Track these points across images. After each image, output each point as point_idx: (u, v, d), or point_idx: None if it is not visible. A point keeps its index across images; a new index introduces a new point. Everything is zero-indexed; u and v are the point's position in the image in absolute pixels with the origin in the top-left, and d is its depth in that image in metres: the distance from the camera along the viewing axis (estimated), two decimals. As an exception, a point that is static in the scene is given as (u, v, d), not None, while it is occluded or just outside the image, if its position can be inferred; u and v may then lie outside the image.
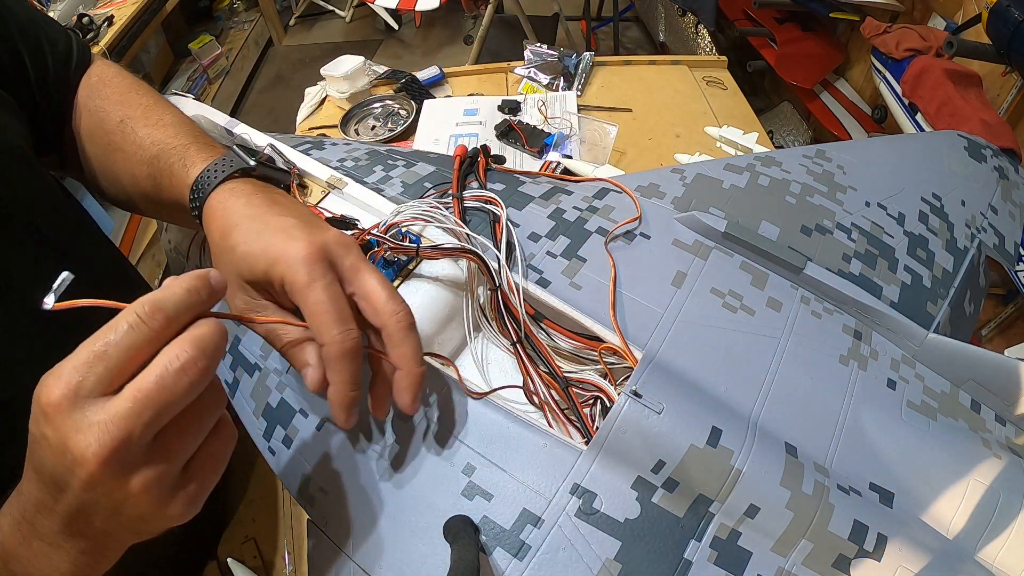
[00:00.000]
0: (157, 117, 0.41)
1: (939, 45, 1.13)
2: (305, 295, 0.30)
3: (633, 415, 0.33)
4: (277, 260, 0.30)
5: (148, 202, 0.41)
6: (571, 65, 1.03)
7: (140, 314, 0.23)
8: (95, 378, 0.23)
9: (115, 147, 0.41)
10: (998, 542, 0.33)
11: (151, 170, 0.39)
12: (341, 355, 0.30)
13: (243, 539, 0.53)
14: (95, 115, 0.42)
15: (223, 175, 0.36)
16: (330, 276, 0.30)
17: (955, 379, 0.41)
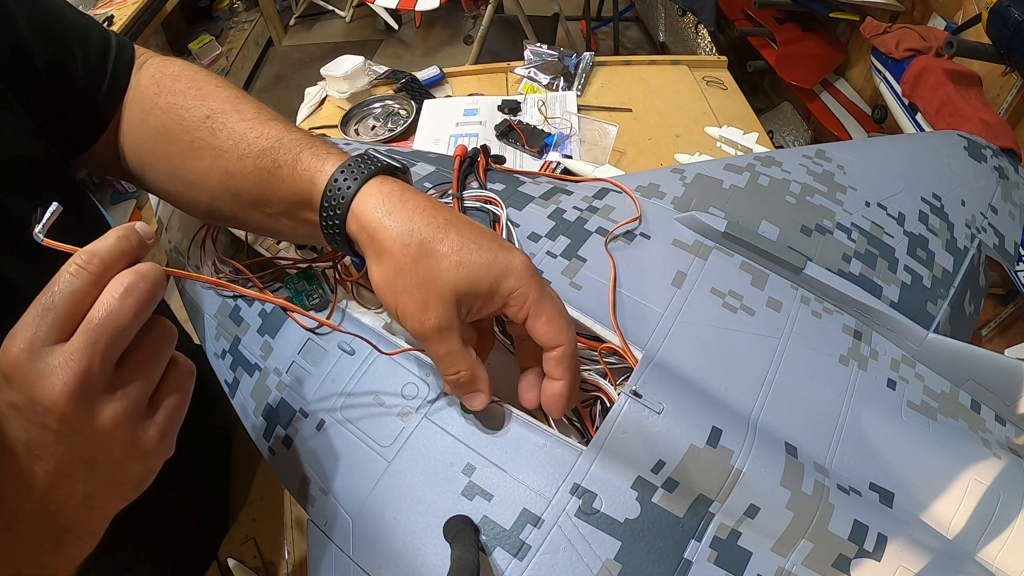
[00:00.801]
0: (253, 112, 0.38)
1: (939, 45, 1.13)
2: (543, 305, 0.31)
3: (633, 415, 0.33)
4: (505, 274, 0.31)
5: (244, 201, 0.38)
6: (571, 65, 1.03)
7: (78, 263, 0.24)
8: (47, 327, 0.24)
9: (201, 144, 0.37)
10: (998, 542, 0.33)
11: (257, 165, 0.35)
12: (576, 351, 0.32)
13: (243, 539, 0.53)
14: (169, 114, 0.39)
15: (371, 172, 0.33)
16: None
17: (955, 379, 0.41)
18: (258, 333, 0.44)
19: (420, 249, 0.31)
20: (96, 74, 0.40)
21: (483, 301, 0.31)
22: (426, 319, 0.30)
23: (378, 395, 0.37)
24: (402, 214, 0.31)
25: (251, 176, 0.36)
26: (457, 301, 0.31)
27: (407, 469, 0.35)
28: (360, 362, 0.39)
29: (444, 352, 0.31)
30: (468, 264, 0.30)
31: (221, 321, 0.46)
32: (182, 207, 0.44)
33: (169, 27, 2.33)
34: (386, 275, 0.32)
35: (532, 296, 0.31)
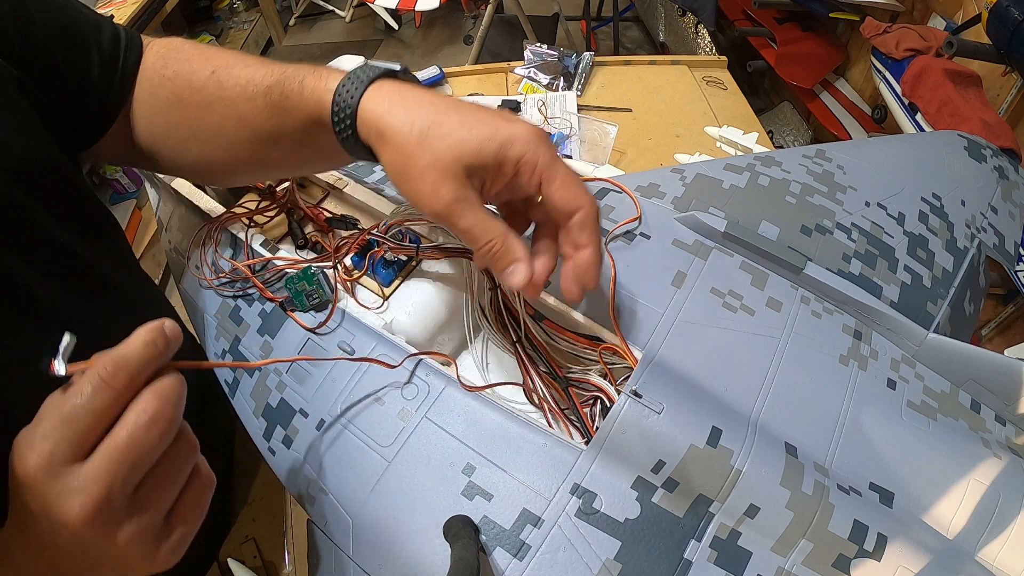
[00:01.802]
0: (255, 60, 0.38)
1: (939, 45, 1.13)
2: (554, 168, 0.30)
3: (633, 415, 0.33)
4: (512, 140, 0.30)
5: (261, 141, 0.38)
6: (571, 65, 1.03)
7: (103, 376, 0.24)
8: (66, 444, 0.23)
9: (211, 99, 0.38)
10: (998, 542, 0.33)
11: (267, 100, 0.36)
12: (598, 215, 0.31)
13: (243, 539, 0.53)
14: (177, 80, 0.39)
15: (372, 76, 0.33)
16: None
17: (955, 379, 0.41)
18: (258, 333, 0.44)
19: (422, 134, 0.30)
20: (109, 67, 0.40)
21: (493, 173, 0.31)
22: (440, 196, 0.30)
23: (378, 395, 0.38)
24: (402, 107, 0.32)
25: (263, 114, 0.37)
26: (467, 174, 0.30)
27: (407, 469, 0.35)
28: (360, 362, 0.39)
29: (469, 224, 0.31)
30: (471, 138, 0.30)
31: (221, 321, 0.46)
32: (199, 174, 0.44)
33: (169, 27, 2.33)
34: (397, 167, 0.31)
35: (542, 160, 0.30)
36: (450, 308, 0.43)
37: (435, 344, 0.42)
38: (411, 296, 0.42)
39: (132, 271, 0.48)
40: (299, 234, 0.46)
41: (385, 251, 0.41)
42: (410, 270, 0.43)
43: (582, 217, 0.31)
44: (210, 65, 0.39)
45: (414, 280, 0.43)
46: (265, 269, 0.45)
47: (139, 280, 0.49)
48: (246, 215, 0.48)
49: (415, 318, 0.41)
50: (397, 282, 0.43)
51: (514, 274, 0.31)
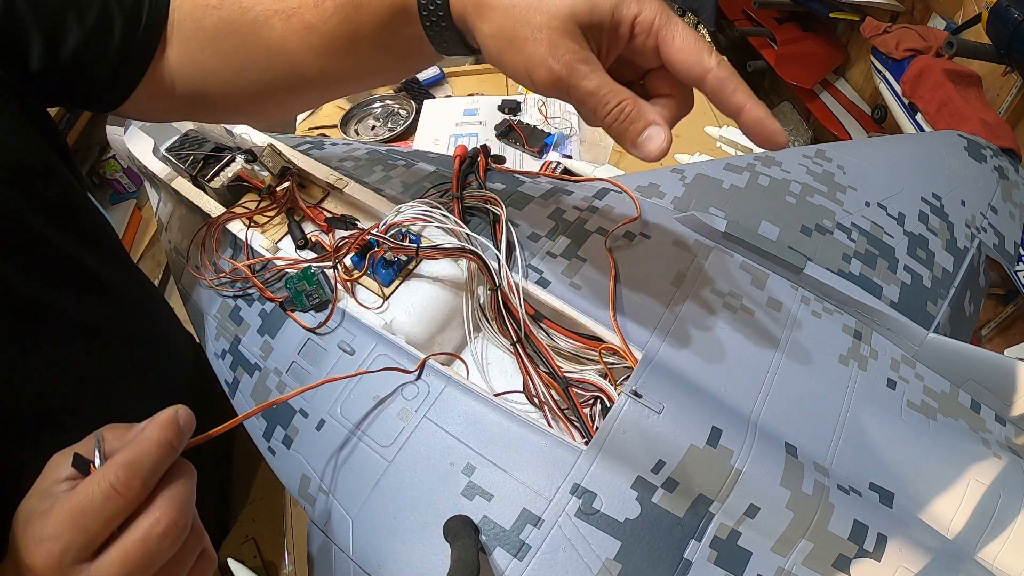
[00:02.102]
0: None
1: (939, 45, 1.13)
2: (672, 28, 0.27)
3: (633, 415, 0.33)
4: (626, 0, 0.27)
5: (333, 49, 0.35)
6: (571, 65, 1.03)
7: (116, 485, 0.24)
8: (76, 548, 0.23)
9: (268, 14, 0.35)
10: (998, 542, 0.33)
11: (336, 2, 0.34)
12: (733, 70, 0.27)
13: (243, 539, 0.53)
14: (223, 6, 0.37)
15: None
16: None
17: (955, 379, 0.41)
18: (258, 333, 0.44)
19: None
20: (133, 17, 0.38)
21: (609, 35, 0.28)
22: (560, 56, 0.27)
23: (378, 395, 0.38)
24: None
25: (334, 17, 0.34)
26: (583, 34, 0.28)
27: (407, 469, 0.35)
28: (360, 362, 0.39)
29: (595, 85, 0.28)
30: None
31: (221, 321, 0.46)
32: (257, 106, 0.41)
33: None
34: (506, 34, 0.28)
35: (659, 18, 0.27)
36: (450, 308, 0.43)
37: (435, 344, 0.42)
38: (411, 296, 0.42)
39: (130, 272, 0.48)
40: (299, 234, 0.46)
41: (385, 251, 0.41)
42: (410, 270, 0.43)
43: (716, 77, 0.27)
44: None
45: (414, 280, 0.43)
46: (265, 269, 0.45)
47: (137, 281, 0.49)
48: (246, 215, 0.48)
49: (415, 318, 0.41)
50: (397, 282, 0.43)
51: (652, 139, 0.28)
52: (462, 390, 0.37)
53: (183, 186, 0.52)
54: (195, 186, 0.53)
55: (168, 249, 0.56)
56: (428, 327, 0.42)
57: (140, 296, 0.48)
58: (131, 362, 0.43)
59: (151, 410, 0.47)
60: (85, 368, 0.39)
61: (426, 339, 0.41)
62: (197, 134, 0.57)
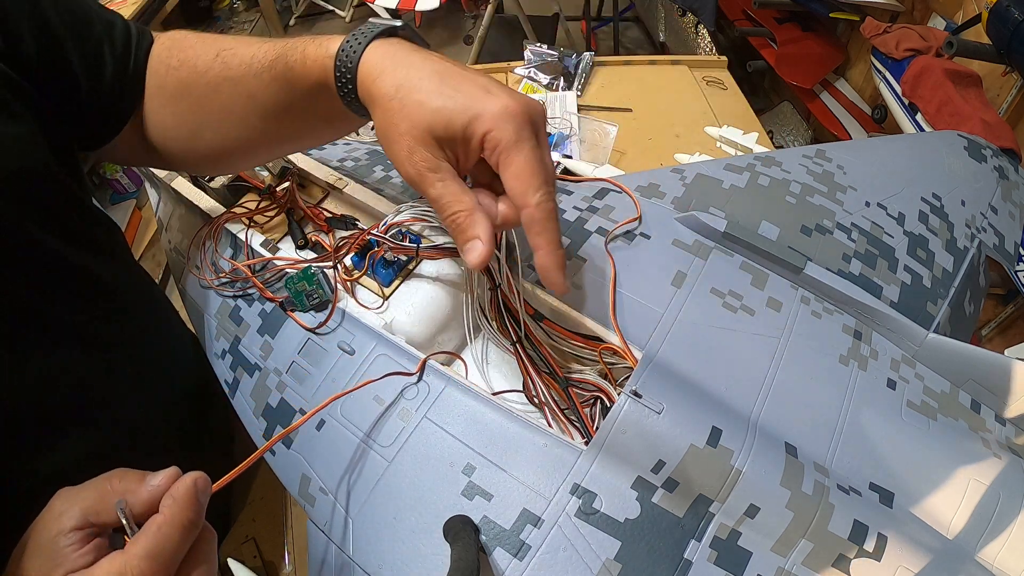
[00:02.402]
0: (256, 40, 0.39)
1: (939, 45, 1.13)
2: (512, 154, 0.29)
3: (633, 415, 0.33)
4: (480, 116, 0.29)
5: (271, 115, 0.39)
6: (571, 65, 1.03)
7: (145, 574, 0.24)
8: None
9: (218, 80, 0.38)
10: (998, 542, 0.33)
11: (273, 74, 0.37)
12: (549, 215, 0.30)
13: (243, 539, 0.53)
14: (183, 68, 0.40)
15: (372, 35, 0.33)
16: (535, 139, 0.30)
17: (955, 379, 0.41)
18: (258, 333, 0.44)
19: (403, 99, 0.31)
20: (121, 64, 0.40)
21: (461, 145, 0.31)
22: (414, 162, 0.31)
23: (378, 395, 0.38)
24: (391, 70, 0.32)
25: (271, 87, 0.37)
26: (438, 144, 0.30)
27: (407, 469, 0.35)
28: (360, 362, 0.39)
29: (437, 193, 0.31)
30: (443, 108, 0.30)
31: (221, 321, 0.46)
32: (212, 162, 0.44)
33: (169, 27, 2.33)
34: (381, 129, 0.32)
35: (504, 141, 0.29)
36: (450, 308, 0.43)
37: (435, 344, 0.42)
38: (411, 296, 0.42)
39: (132, 274, 0.48)
40: (299, 234, 0.46)
41: (385, 251, 0.41)
42: (410, 270, 0.43)
43: (529, 216, 0.30)
44: (213, 49, 0.39)
45: (414, 280, 0.43)
46: (265, 269, 0.45)
47: (140, 282, 0.49)
48: (246, 215, 0.48)
49: (415, 318, 0.41)
50: (397, 282, 0.43)
51: (471, 251, 0.31)
52: (462, 390, 0.37)
53: (183, 186, 0.52)
54: (195, 186, 0.53)
55: (168, 249, 0.56)
56: (428, 327, 0.42)
57: (143, 298, 0.48)
58: (133, 364, 0.43)
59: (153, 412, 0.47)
60: (86, 371, 0.39)
61: (426, 339, 0.41)
62: (197, 134, 0.57)
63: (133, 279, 0.47)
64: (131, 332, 0.44)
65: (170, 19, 2.22)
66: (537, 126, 0.31)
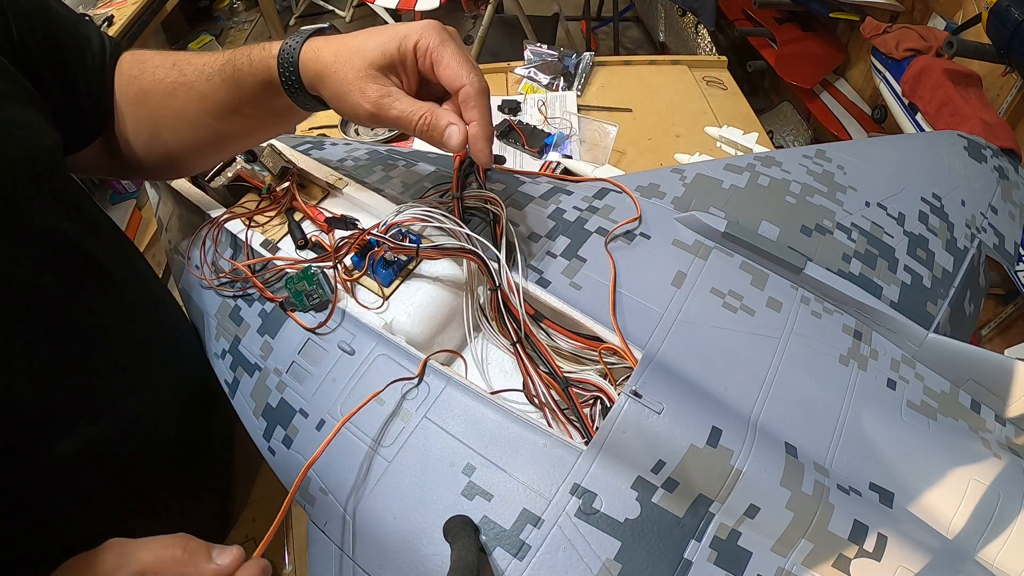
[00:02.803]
0: (210, 52, 0.43)
1: (939, 45, 1.13)
2: (442, 51, 0.35)
3: (633, 415, 0.33)
4: (408, 34, 0.35)
5: (222, 114, 0.42)
6: (571, 65, 1.03)
7: None
8: None
9: (174, 87, 0.42)
10: (998, 542, 0.33)
11: (223, 76, 0.41)
12: (482, 91, 0.35)
13: (243, 539, 0.53)
14: (143, 77, 0.43)
15: (306, 35, 0.38)
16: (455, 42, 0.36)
17: (955, 379, 0.41)
18: (258, 333, 0.44)
19: (342, 58, 0.36)
20: (98, 75, 0.42)
21: (401, 66, 0.36)
22: (368, 96, 0.35)
23: (378, 395, 0.37)
24: (328, 48, 0.37)
25: (221, 88, 0.41)
26: (383, 72, 0.36)
27: (407, 469, 0.35)
28: (360, 362, 0.39)
29: (399, 110, 0.36)
30: (375, 44, 0.36)
31: (221, 321, 0.46)
32: (172, 163, 0.47)
33: (169, 27, 2.33)
34: (336, 93, 0.37)
35: (432, 43, 0.35)
36: (450, 308, 0.43)
37: (435, 344, 0.42)
38: (411, 296, 0.42)
39: (135, 266, 0.48)
40: (299, 234, 0.46)
41: (385, 251, 0.41)
42: (410, 270, 0.43)
43: (465, 92, 0.35)
44: (171, 59, 0.43)
45: (414, 280, 0.43)
46: (265, 269, 0.45)
47: (142, 275, 0.49)
48: (246, 215, 0.48)
49: (415, 318, 0.41)
50: (397, 282, 0.43)
51: (452, 135, 0.36)
52: (462, 390, 0.37)
53: (183, 186, 0.52)
54: (195, 186, 0.53)
55: (168, 249, 0.56)
56: (428, 327, 0.42)
57: (145, 290, 0.48)
58: (137, 359, 0.43)
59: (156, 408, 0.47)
60: (91, 361, 0.39)
61: (426, 339, 0.41)
62: (197, 134, 0.57)
63: (136, 272, 0.48)
64: (136, 324, 0.44)
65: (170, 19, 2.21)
66: (453, 35, 0.37)
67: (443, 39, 0.35)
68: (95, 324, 0.39)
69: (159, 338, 0.48)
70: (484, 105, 0.36)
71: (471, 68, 0.35)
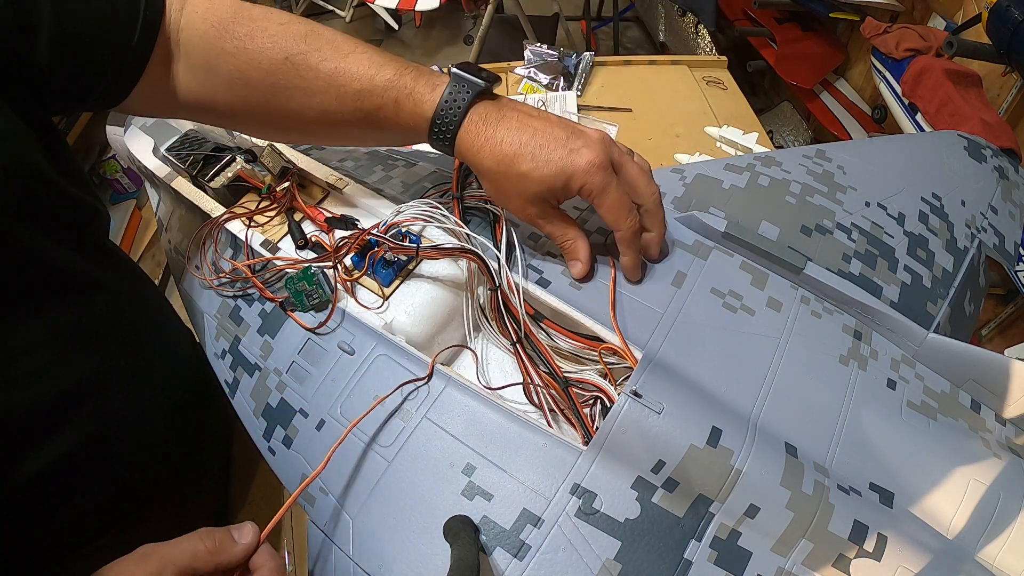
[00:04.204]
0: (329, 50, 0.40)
1: (939, 45, 1.13)
2: (604, 197, 0.38)
3: (633, 415, 0.33)
4: (573, 176, 0.37)
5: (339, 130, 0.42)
6: (571, 65, 1.03)
7: None
8: None
9: (287, 85, 0.40)
10: (998, 542, 0.33)
11: (359, 106, 0.40)
12: (635, 234, 0.40)
13: (243, 539, 0.53)
14: (240, 57, 0.40)
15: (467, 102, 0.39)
16: (616, 178, 0.39)
17: (955, 379, 0.41)
18: (258, 333, 0.44)
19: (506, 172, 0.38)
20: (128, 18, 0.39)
21: (561, 194, 0.39)
22: (527, 213, 0.40)
23: (378, 395, 0.37)
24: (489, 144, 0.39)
25: (352, 115, 0.40)
26: (544, 202, 0.40)
27: (407, 469, 0.35)
28: (360, 362, 0.39)
29: (551, 229, 0.41)
30: (543, 177, 0.38)
31: (221, 321, 0.46)
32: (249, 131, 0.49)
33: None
34: (492, 189, 0.41)
35: (596, 190, 0.38)
36: (450, 308, 0.43)
37: (435, 344, 0.42)
38: (411, 296, 0.42)
39: (126, 270, 0.47)
40: (299, 234, 0.46)
41: (385, 251, 0.41)
42: (410, 270, 0.43)
43: (619, 236, 0.40)
44: (279, 49, 0.40)
45: (414, 280, 0.43)
46: (265, 269, 0.45)
47: (134, 279, 0.49)
48: (246, 215, 0.48)
49: (415, 318, 0.41)
50: (397, 282, 0.43)
51: (574, 266, 0.42)
52: (462, 390, 0.37)
53: (183, 186, 0.52)
54: (195, 186, 0.53)
55: (168, 249, 0.56)
56: (428, 327, 0.42)
57: (137, 292, 0.48)
58: (129, 360, 0.43)
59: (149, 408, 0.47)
60: (82, 368, 0.39)
61: (426, 339, 0.41)
62: (197, 134, 0.57)
63: (128, 277, 0.47)
64: (128, 329, 0.44)
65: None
66: (615, 161, 0.39)
67: (606, 183, 0.38)
68: (84, 328, 0.39)
69: (150, 339, 0.48)
70: (636, 246, 0.41)
71: (627, 214, 0.39)
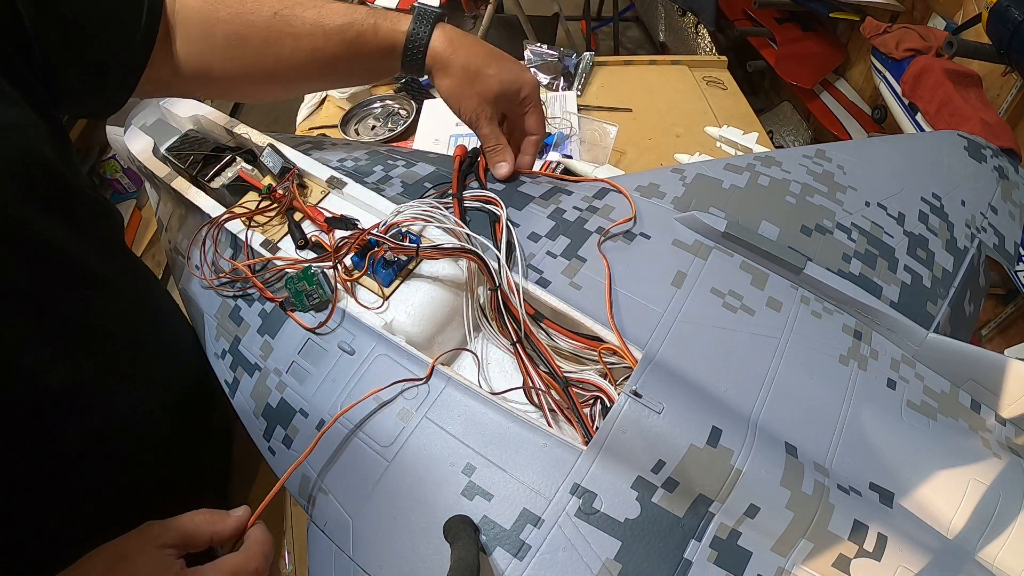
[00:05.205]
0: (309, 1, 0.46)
1: (939, 45, 1.13)
2: (537, 107, 0.51)
3: (633, 415, 0.33)
4: (525, 85, 0.50)
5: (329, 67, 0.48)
6: (571, 65, 1.03)
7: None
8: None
9: (279, 36, 0.45)
10: (998, 542, 0.33)
11: (343, 36, 0.46)
12: (540, 140, 0.52)
13: (243, 539, 0.53)
14: (234, 21, 0.45)
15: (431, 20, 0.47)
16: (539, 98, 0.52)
17: (955, 379, 0.41)
18: (258, 333, 0.44)
19: (476, 74, 0.48)
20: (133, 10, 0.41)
21: (510, 102, 0.50)
22: (482, 113, 0.49)
23: (378, 395, 0.38)
24: (461, 50, 0.47)
25: (338, 47, 0.47)
26: (497, 102, 0.49)
27: (407, 469, 0.35)
28: (360, 362, 0.39)
29: (488, 131, 0.49)
30: (506, 80, 0.48)
31: (221, 321, 0.46)
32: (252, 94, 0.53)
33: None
34: (453, 90, 0.49)
35: (532, 100, 0.50)
36: (450, 308, 0.43)
37: (435, 344, 0.42)
38: (411, 296, 0.42)
39: (130, 266, 0.48)
40: (299, 234, 0.46)
41: (385, 251, 0.41)
42: (410, 270, 0.43)
43: (536, 139, 0.52)
44: (267, 6, 0.45)
45: (414, 280, 0.43)
46: (265, 269, 0.45)
47: (138, 274, 0.49)
48: (246, 215, 0.48)
49: (415, 318, 0.41)
50: (397, 282, 0.43)
51: (500, 167, 0.50)
52: (462, 390, 0.37)
53: (183, 186, 0.52)
54: (195, 186, 0.53)
55: (168, 249, 0.56)
56: (428, 327, 0.42)
57: (141, 290, 0.48)
58: (133, 358, 0.43)
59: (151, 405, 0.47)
60: (85, 362, 0.39)
61: (426, 339, 0.41)
62: (197, 134, 0.57)
63: (133, 272, 0.47)
64: (131, 325, 0.44)
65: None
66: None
67: (536, 98, 0.51)
68: (87, 324, 0.39)
69: (153, 337, 0.48)
70: (536, 151, 0.52)
71: (544, 127, 0.52)
